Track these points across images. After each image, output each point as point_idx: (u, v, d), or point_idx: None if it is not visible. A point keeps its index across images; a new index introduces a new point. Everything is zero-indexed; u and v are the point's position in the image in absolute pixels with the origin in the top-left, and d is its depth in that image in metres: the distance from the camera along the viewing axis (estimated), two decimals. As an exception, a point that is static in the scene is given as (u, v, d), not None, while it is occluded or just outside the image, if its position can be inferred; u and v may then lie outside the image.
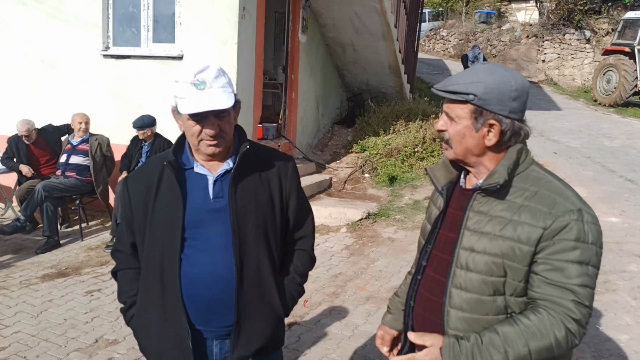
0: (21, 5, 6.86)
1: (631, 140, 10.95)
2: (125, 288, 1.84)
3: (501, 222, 1.42)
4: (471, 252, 1.45)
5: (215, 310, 1.73)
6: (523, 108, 1.46)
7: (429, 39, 24.86)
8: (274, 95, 9.17)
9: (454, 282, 1.47)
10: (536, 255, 1.39)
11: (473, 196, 1.50)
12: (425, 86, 14.97)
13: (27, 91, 7.04)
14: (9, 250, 5.73)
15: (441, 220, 1.60)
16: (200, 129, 1.64)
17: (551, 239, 1.37)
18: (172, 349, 1.72)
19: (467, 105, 1.45)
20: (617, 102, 14.76)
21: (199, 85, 1.59)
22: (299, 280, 1.91)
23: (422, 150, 8.07)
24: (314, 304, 4.37)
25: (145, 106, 6.47)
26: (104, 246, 5.78)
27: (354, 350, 3.66)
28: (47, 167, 6.34)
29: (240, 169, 1.73)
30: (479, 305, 1.44)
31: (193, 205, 1.71)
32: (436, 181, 1.63)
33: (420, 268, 1.62)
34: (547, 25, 19.75)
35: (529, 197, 1.42)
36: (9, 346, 3.69)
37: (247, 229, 1.72)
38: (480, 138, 1.46)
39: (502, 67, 1.50)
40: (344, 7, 8.13)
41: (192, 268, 1.70)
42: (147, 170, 1.81)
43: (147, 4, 6.52)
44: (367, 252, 5.63)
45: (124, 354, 3.60)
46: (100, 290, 4.65)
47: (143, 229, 1.75)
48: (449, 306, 1.48)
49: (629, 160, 9.24)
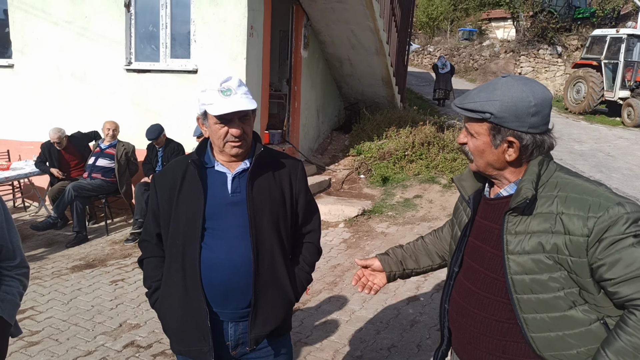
0: (53, 25, 6.86)
1: (598, 144, 10.93)
2: (151, 274, 1.85)
3: (543, 237, 1.27)
4: (526, 275, 1.30)
5: (231, 294, 1.73)
6: (545, 121, 1.32)
7: (418, 54, 24.84)
8: (279, 105, 9.15)
9: (523, 309, 1.31)
10: (591, 265, 1.24)
11: (505, 219, 1.34)
12: (415, 96, 14.98)
13: (58, 102, 7.03)
14: (42, 244, 5.73)
15: (469, 228, 1.50)
16: (227, 131, 1.67)
17: (597, 242, 1.22)
18: (192, 328, 1.73)
19: (484, 124, 1.33)
20: (586, 110, 14.77)
21: (225, 92, 1.64)
22: (308, 269, 1.93)
23: (412, 154, 8.06)
24: (315, 292, 4.36)
25: (164, 114, 6.48)
26: (125, 240, 5.79)
27: (351, 333, 3.66)
28: (76, 170, 6.33)
29: (256, 168, 1.75)
30: (565, 322, 1.28)
31: (213, 199, 1.73)
32: (463, 191, 1.53)
33: (453, 274, 1.53)
34: (523, 41, 19.73)
35: (561, 204, 1.27)
36: (43, 330, 3.69)
37: (262, 221, 1.73)
38: (500, 154, 1.34)
39: (522, 81, 1.32)
40: (342, 26, 8.12)
41: (211, 255, 1.71)
42: (173, 168, 1.83)
43: (166, 24, 6.52)
44: (363, 245, 5.62)
45: (145, 337, 3.60)
46: (124, 280, 4.65)
47: (168, 220, 1.77)
48: (530, 333, 1.31)
49: (597, 162, 9.23)
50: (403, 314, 3.98)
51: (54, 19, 6.83)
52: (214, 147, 1.76)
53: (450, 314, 1.53)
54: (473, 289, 1.42)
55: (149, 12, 6.63)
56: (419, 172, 7.71)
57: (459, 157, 7.83)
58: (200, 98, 1.69)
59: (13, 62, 7.17)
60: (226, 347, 1.79)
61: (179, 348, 1.79)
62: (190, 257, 1.71)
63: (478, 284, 1.42)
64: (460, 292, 1.49)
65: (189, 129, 5.89)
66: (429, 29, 26.16)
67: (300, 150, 8.24)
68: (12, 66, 7.19)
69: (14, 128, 7.31)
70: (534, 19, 19.36)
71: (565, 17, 19.07)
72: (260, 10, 6.42)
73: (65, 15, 6.78)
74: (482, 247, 1.42)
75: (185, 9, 6.39)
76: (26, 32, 7.00)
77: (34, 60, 7.04)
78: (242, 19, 6.04)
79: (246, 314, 1.75)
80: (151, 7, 6.59)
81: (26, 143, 7.23)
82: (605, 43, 14.32)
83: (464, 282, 1.47)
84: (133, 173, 6.29)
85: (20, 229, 5.99)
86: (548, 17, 18.79)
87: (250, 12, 6.07)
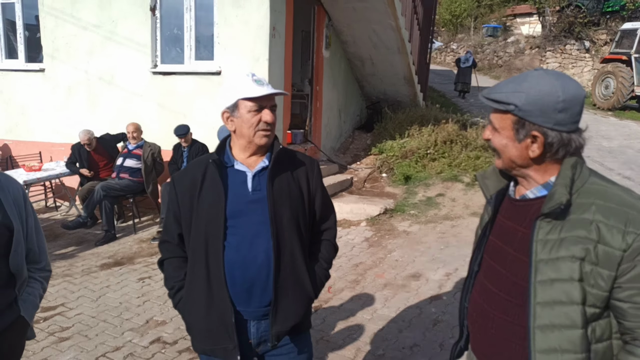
0: (82, 29, 7.04)
1: (628, 140, 10.62)
2: (173, 274, 1.86)
3: (574, 245, 1.20)
4: (550, 281, 1.23)
5: (254, 291, 1.75)
6: (574, 119, 1.24)
7: (440, 51, 24.56)
8: (301, 105, 9.18)
9: (537, 324, 1.24)
10: (617, 280, 1.16)
11: (535, 225, 1.27)
12: (437, 94, 14.81)
13: (88, 104, 7.22)
14: (72, 242, 5.88)
15: (490, 227, 1.46)
16: (259, 119, 1.72)
17: (632, 260, 1.15)
18: (218, 326, 1.75)
19: (508, 116, 1.27)
20: (615, 106, 14.35)
21: (259, 82, 1.72)
22: (326, 266, 1.94)
23: (434, 152, 7.99)
24: (337, 290, 4.38)
25: (188, 115, 6.58)
26: (152, 239, 5.89)
27: (373, 332, 3.66)
28: (105, 171, 6.49)
29: (275, 166, 1.77)
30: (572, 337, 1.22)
31: (234, 197, 1.75)
32: (485, 189, 1.48)
33: (472, 272, 1.49)
34: (549, 37, 19.30)
35: (598, 213, 1.19)
36: (73, 326, 3.79)
37: (282, 218, 1.75)
38: (523, 149, 1.28)
39: (554, 75, 1.24)
40: (363, 25, 8.10)
41: (234, 253, 1.73)
42: (192, 169, 1.85)
43: (190, 27, 6.62)
44: (385, 244, 5.60)
45: (171, 334, 3.67)
46: (151, 278, 4.74)
47: (189, 220, 1.78)
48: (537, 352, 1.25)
49: (626, 159, 8.97)
50: (426, 312, 3.96)
51: (82, 24, 7.01)
52: (240, 141, 1.78)
53: (469, 314, 1.51)
54: (494, 290, 1.39)
55: (173, 15, 6.74)
56: (441, 171, 7.64)
57: (482, 155, 7.73)
58: (230, 90, 1.73)
59: (44, 67, 7.39)
60: (249, 345, 1.81)
61: (204, 347, 1.81)
62: (213, 256, 1.73)
63: (499, 285, 1.38)
64: (480, 292, 1.46)
65: (213, 129, 5.95)
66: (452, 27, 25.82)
67: (323, 150, 8.26)
68: (43, 70, 7.41)
69: (45, 130, 7.54)
70: (560, 14, 18.92)
71: (594, 11, 18.56)
72: (282, 12, 6.46)
73: (94, 20, 6.95)
74: (504, 248, 1.38)
75: (208, 12, 6.47)
76: (56, 37, 7.20)
77: (64, 64, 7.24)
78: (265, 20, 6.08)
79: (267, 312, 1.77)
80: (176, 10, 6.70)
81: (57, 145, 7.44)
82: (636, 37, 13.88)
83: (484, 281, 1.44)
84: (159, 173, 6.41)
85: (52, 228, 6.18)
86: (575, 12, 18.33)
87: (272, 13, 6.12)
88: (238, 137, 1.78)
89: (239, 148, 1.80)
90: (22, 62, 7.73)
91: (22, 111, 7.68)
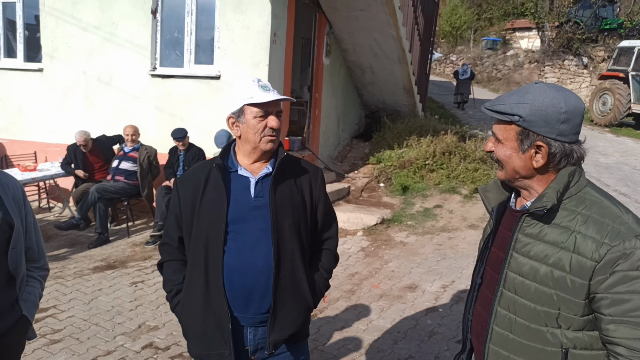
0: (82, 30, 7.03)
1: (624, 157, 10.69)
2: (172, 277, 1.86)
3: (550, 249, 1.25)
4: (519, 276, 1.31)
5: (252, 297, 1.74)
6: (575, 131, 1.28)
7: (440, 63, 24.70)
8: (300, 112, 9.19)
9: (501, 303, 1.34)
10: (592, 291, 1.20)
11: (522, 218, 1.33)
12: (436, 105, 14.88)
13: (85, 105, 7.19)
14: (65, 244, 5.83)
15: (492, 239, 1.48)
16: (265, 124, 1.73)
17: (607, 271, 1.18)
18: (214, 331, 1.74)
19: (512, 127, 1.30)
20: (612, 122, 14.48)
21: (265, 87, 1.74)
22: (326, 275, 1.93)
23: (433, 163, 8.00)
24: (332, 300, 4.35)
25: (186, 119, 6.56)
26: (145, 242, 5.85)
27: (368, 343, 3.63)
28: (100, 172, 6.45)
29: (279, 173, 1.77)
30: (527, 331, 1.29)
31: (236, 202, 1.74)
32: (487, 201, 1.51)
33: (476, 285, 1.51)
34: (548, 52, 19.46)
35: (581, 223, 1.23)
36: (64, 328, 3.75)
37: (284, 225, 1.74)
38: (527, 159, 1.30)
39: (554, 87, 1.29)
40: (364, 34, 8.14)
41: (234, 259, 1.72)
42: (196, 172, 1.84)
43: (190, 30, 6.62)
44: (381, 254, 5.58)
45: (164, 339, 3.63)
46: (144, 282, 4.70)
47: (190, 224, 1.78)
48: (493, 324, 1.36)
49: (622, 176, 9.02)
50: (421, 324, 3.93)
51: (83, 25, 7.00)
52: (245, 146, 1.78)
53: (473, 326, 1.51)
54: (492, 298, 1.40)
55: (174, 18, 6.75)
56: (439, 182, 7.64)
57: (481, 167, 7.74)
58: (242, 95, 1.72)
59: (42, 67, 7.37)
60: (245, 352, 1.79)
61: (199, 352, 1.79)
62: (213, 260, 1.72)
63: None
64: (483, 304, 1.46)
65: (210, 134, 5.95)
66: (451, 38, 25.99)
67: (320, 157, 8.25)
68: (41, 70, 7.39)
69: (41, 130, 7.50)
70: (559, 30, 19.10)
71: (592, 28, 18.77)
72: (284, 18, 6.48)
73: (94, 21, 6.94)
74: (503, 257, 1.39)
75: (210, 16, 6.49)
76: (56, 37, 7.19)
77: (63, 64, 7.22)
78: (266, 26, 6.10)
79: (265, 319, 1.76)
80: (177, 13, 6.70)
81: (53, 145, 7.40)
82: (633, 54, 14.05)
83: (487, 293, 1.45)
84: (155, 176, 6.37)
85: (45, 229, 6.12)
86: (574, 28, 18.51)
87: (273, 19, 6.13)
88: (243, 143, 1.78)
89: (244, 153, 1.80)
90: (21, 62, 7.70)
91: (19, 110, 7.64)
